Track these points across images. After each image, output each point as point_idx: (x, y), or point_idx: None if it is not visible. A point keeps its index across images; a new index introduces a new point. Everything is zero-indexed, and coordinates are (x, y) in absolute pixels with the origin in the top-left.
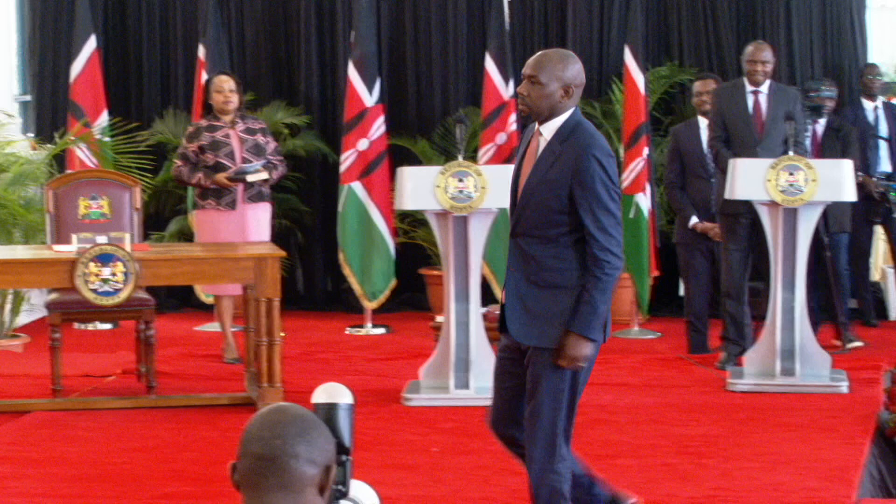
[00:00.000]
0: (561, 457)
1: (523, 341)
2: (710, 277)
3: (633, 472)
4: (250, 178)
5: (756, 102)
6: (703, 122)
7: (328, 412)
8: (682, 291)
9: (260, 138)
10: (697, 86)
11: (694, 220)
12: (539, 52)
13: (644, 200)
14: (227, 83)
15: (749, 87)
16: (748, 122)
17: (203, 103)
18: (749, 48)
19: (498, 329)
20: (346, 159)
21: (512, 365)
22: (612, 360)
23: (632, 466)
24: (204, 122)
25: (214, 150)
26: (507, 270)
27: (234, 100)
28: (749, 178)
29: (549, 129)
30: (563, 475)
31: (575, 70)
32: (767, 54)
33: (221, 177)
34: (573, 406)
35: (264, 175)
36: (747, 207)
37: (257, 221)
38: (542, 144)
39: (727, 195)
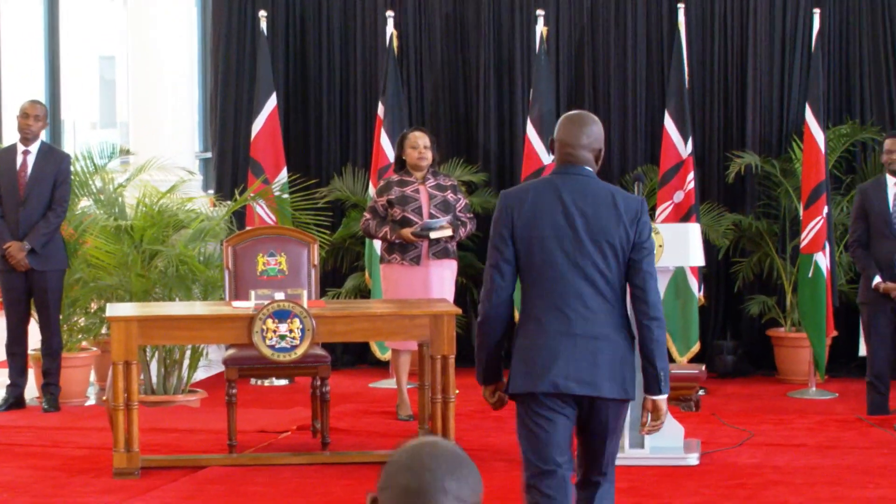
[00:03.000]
0: None
1: None
2: (893, 338)
3: None
4: (434, 234)
5: None
6: (890, 181)
7: None
8: (861, 352)
9: (450, 196)
10: (888, 143)
11: (877, 279)
12: None
13: (822, 259)
14: (422, 139)
15: None
16: None
17: (396, 158)
18: None
19: None
20: None
21: None
22: (789, 421)
23: None
24: (395, 177)
25: (402, 205)
26: None
27: (429, 156)
28: None
29: None
30: None
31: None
32: None
33: (406, 232)
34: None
35: (448, 232)
36: None
37: (441, 278)
38: None
39: None
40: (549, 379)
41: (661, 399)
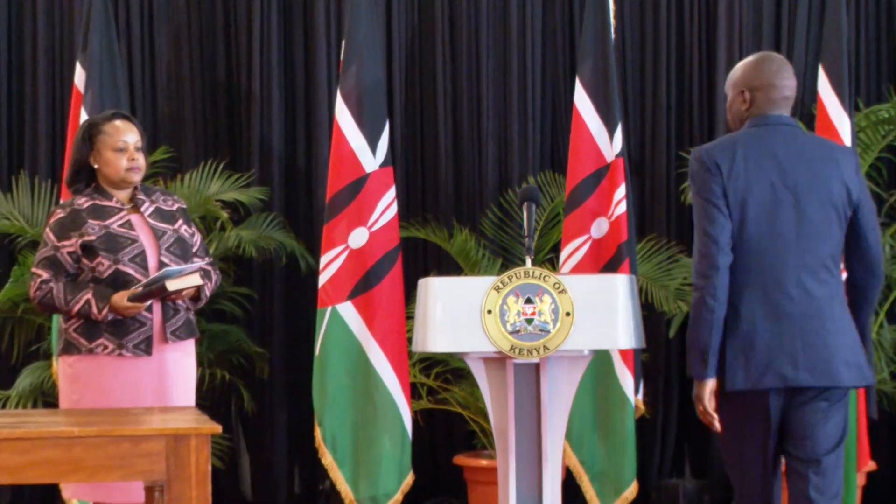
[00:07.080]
0: None
1: None
2: None
3: None
4: (173, 284)
5: None
6: None
7: None
8: None
9: (182, 228)
10: None
11: None
12: None
13: None
14: (130, 133)
15: None
16: None
17: (79, 165)
18: None
19: None
20: (330, 263)
21: None
22: None
23: None
24: (83, 201)
25: (111, 251)
26: None
27: (142, 162)
28: None
29: None
30: None
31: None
32: None
33: (122, 299)
34: (731, 467)
35: (197, 281)
36: None
37: (184, 372)
38: None
39: None
40: (774, 372)
41: None
